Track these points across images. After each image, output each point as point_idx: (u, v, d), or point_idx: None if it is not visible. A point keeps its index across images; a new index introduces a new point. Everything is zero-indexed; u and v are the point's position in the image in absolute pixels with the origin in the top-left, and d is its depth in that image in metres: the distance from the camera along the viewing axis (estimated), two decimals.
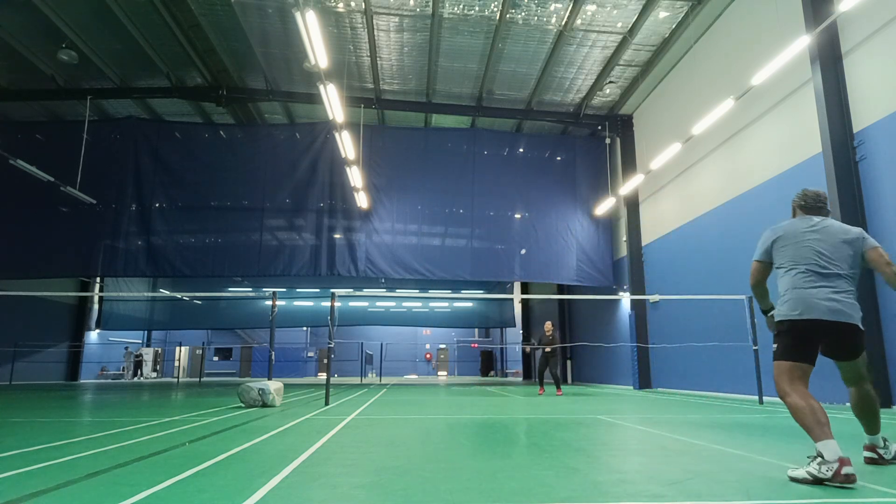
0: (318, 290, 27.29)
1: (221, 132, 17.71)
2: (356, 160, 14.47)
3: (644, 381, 15.18)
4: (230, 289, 27.51)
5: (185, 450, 3.95)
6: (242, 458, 3.60)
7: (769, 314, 3.63)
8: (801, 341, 3.29)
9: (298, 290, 27.69)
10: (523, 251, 17.25)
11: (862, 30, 8.62)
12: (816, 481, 2.81)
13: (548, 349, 12.92)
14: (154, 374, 35.21)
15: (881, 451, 3.40)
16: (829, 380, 9.02)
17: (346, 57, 14.42)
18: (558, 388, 12.73)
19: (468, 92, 16.24)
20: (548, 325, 13.42)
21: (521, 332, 31.37)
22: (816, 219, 3.68)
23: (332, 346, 9.21)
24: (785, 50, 8.88)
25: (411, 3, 12.35)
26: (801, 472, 2.90)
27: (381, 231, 17.02)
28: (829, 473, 2.75)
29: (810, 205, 3.79)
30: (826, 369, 8.95)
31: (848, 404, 8.28)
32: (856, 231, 3.54)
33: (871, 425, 3.42)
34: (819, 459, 2.82)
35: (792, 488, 2.67)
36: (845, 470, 2.71)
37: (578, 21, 12.73)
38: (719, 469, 3.18)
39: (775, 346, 3.35)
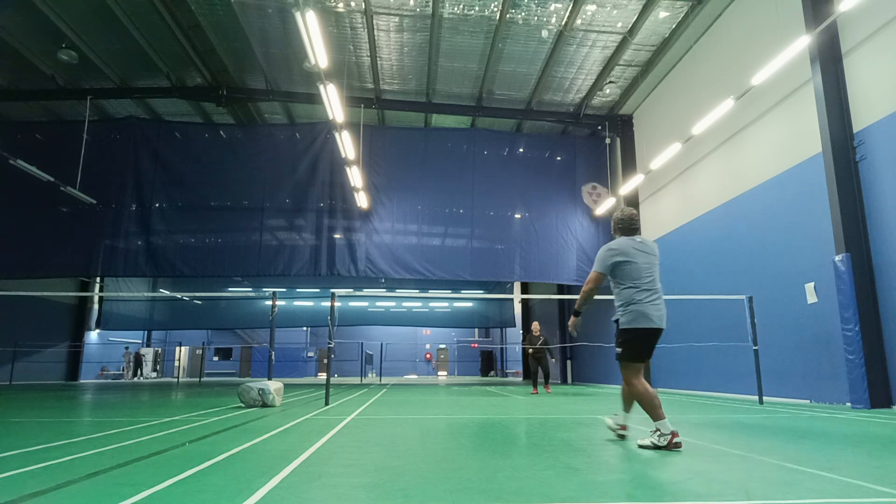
0: (318, 290, 27.29)
1: (221, 132, 17.71)
2: (356, 160, 14.47)
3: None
4: (230, 289, 27.51)
5: (185, 450, 3.95)
6: (242, 458, 3.60)
7: (580, 315, 4.50)
8: (646, 346, 4.14)
9: (298, 290, 27.69)
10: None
11: (862, 30, 8.62)
12: (656, 447, 3.88)
13: (530, 350, 13.08)
14: (154, 374, 35.21)
15: (623, 427, 4.45)
16: (829, 380, 9.03)
17: (346, 57, 14.42)
18: (546, 384, 13.05)
19: (468, 92, 16.24)
20: (535, 325, 13.51)
21: (521, 332, 31.37)
22: (638, 238, 4.40)
23: (332, 346, 9.21)
24: (785, 50, 8.88)
25: (411, 3, 12.35)
26: (647, 441, 3.93)
27: (381, 231, 17.02)
28: (665, 442, 3.84)
29: (627, 226, 4.43)
30: (827, 370, 8.95)
31: (848, 404, 8.28)
32: (655, 246, 4.46)
33: (629, 404, 4.40)
34: (658, 433, 3.89)
35: (792, 488, 2.67)
36: (676, 440, 3.84)
37: (578, 21, 12.73)
38: (719, 469, 3.18)
39: (620, 349, 4.18)
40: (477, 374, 42.17)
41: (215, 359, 38.30)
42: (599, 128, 17.50)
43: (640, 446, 3.95)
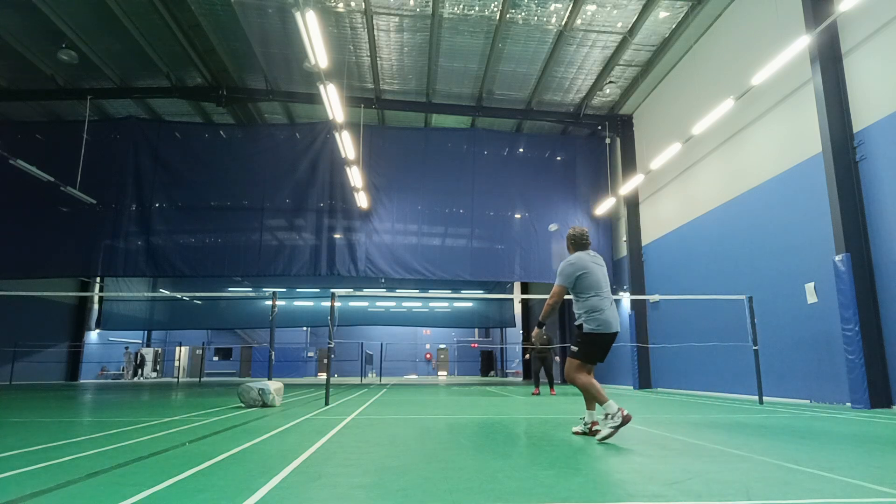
0: (318, 290, 27.28)
1: (221, 132, 17.71)
2: (356, 160, 14.47)
3: (644, 381, 15.18)
4: (230, 289, 27.51)
5: (185, 450, 3.95)
6: (242, 458, 3.60)
7: (544, 326, 4.98)
8: (601, 349, 4.59)
9: (298, 290, 27.68)
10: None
11: (862, 30, 8.61)
12: (615, 430, 4.18)
13: (534, 350, 12.96)
14: (154, 374, 35.22)
15: (587, 426, 4.70)
16: (829, 380, 9.04)
17: (346, 57, 14.42)
18: (551, 387, 12.79)
19: (468, 92, 16.24)
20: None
21: (521, 332, 31.36)
22: (591, 252, 4.85)
23: (332, 346, 9.21)
24: (785, 50, 8.88)
25: (411, 3, 12.35)
26: (605, 432, 4.20)
27: (381, 231, 17.02)
28: (619, 420, 4.13)
29: (580, 242, 4.84)
30: (827, 370, 8.95)
31: (848, 404, 8.29)
32: (603, 260, 4.89)
33: (598, 401, 4.53)
34: (609, 416, 4.20)
35: (791, 488, 2.67)
36: (625, 413, 4.14)
37: (578, 21, 12.73)
38: (719, 469, 3.18)
39: (577, 349, 4.59)
40: (477, 374, 42.18)
41: (215, 359, 38.29)
42: (599, 128, 17.50)
43: (602, 440, 4.26)
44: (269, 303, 10.00)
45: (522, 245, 17.28)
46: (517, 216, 17.51)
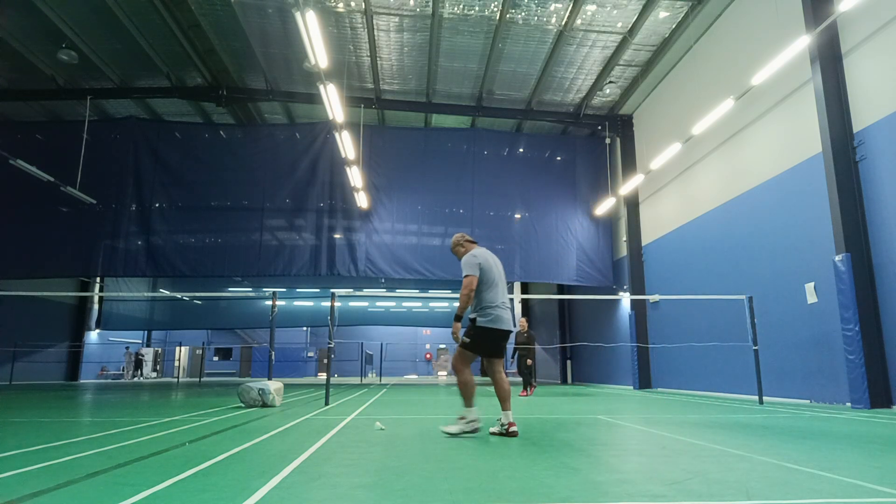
0: (318, 290, 27.27)
1: (221, 132, 17.71)
2: (356, 160, 14.47)
3: (644, 381, 15.18)
4: (230, 289, 27.50)
5: (185, 450, 3.95)
6: (242, 458, 3.60)
7: (461, 319, 4.74)
8: (493, 344, 4.72)
9: (298, 290, 27.66)
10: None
11: (862, 30, 8.62)
12: (461, 432, 4.51)
13: (515, 347, 12.37)
14: (154, 374, 35.21)
15: (505, 427, 4.66)
16: (829, 380, 9.04)
17: (346, 57, 14.42)
18: (528, 387, 12.20)
19: (468, 92, 16.23)
20: (521, 321, 13.06)
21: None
22: (484, 248, 5.02)
23: (332, 346, 9.21)
24: (785, 50, 8.88)
25: (411, 3, 12.35)
26: (453, 428, 4.55)
27: (381, 231, 17.02)
28: (469, 428, 4.52)
29: (470, 240, 5.10)
30: (827, 370, 8.95)
31: (848, 404, 8.29)
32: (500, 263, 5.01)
33: (502, 401, 4.72)
34: (465, 419, 4.53)
35: (791, 488, 2.67)
36: (477, 426, 4.54)
37: (578, 21, 12.73)
38: (719, 469, 3.18)
39: (468, 339, 4.67)
40: (477, 374, 42.15)
41: (215, 359, 38.29)
42: (599, 128, 17.50)
43: (447, 433, 4.58)
44: (269, 303, 10.00)
45: (522, 245, 17.28)
46: (517, 216, 17.51)
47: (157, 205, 16.81)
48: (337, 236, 16.95)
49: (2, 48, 13.86)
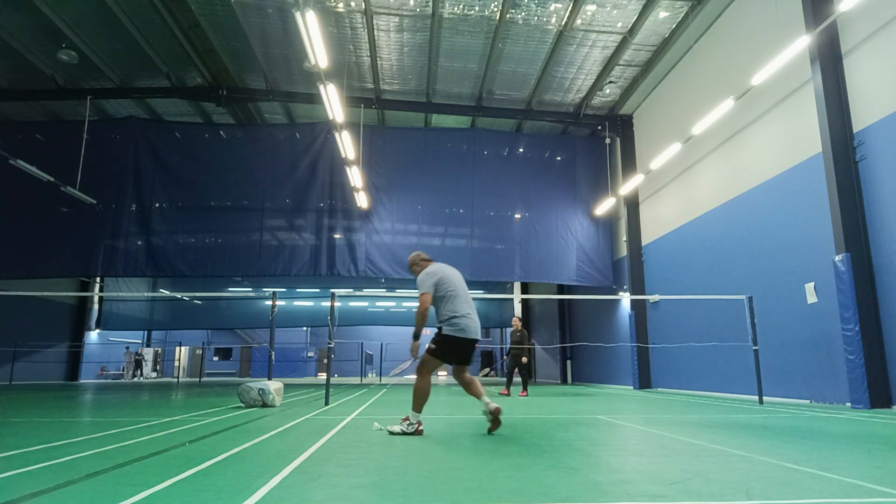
0: (318, 290, 27.28)
1: (221, 132, 17.71)
2: (356, 160, 14.47)
3: (644, 381, 15.18)
4: (230, 289, 27.51)
5: (185, 450, 3.95)
6: (242, 458, 3.60)
7: (419, 338, 4.96)
8: (459, 352, 4.90)
9: (298, 290, 27.68)
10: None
11: (862, 30, 8.62)
12: (404, 433, 4.69)
13: (511, 348, 12.23)
14: (154, 374, 35.21)
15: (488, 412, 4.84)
16: (829, 380, 9.04)
17: (346, 57, 14.42)
18: (524, 387, 12.14)
19: (468, 92, 16.23)
20: (515, 320, 12.88)
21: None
22: (442, 263, 5.26)
23: (332, 346, 9.21)
24: (785, 50, 8.88)
25: (411, 3, 12.35)
26: (396, 428, 4.75)
27: (381, 231, 17.02)
28: (412, 430, 4.70)
29: (426, 257, 5.33)
30: (827, 370, 8.95)
31: (848, 404, 8.30)
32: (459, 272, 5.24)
33: (477, 395, 4.93)
34: (408, 422, 4.73)
35: (791, 488, 2.67)
36: (420, 428, 4.74)
37: (578, 21, 12.73)
38: (719, 469, 3.18)
39: (434, 346, 4.87)
40: (477, 374, 42.21)
41: (215, 359, 38.29)
42: (599, 128, 17.50)
43: (390, 432, 4.77)
44: (269, 303, 10.00)
45: (522, 245, 17.28)
46: (517, 216, 17.51)
47: (157, 205, 16.80)
48: (337, 236, 16.95)
49: (2, 48, 13.86)
